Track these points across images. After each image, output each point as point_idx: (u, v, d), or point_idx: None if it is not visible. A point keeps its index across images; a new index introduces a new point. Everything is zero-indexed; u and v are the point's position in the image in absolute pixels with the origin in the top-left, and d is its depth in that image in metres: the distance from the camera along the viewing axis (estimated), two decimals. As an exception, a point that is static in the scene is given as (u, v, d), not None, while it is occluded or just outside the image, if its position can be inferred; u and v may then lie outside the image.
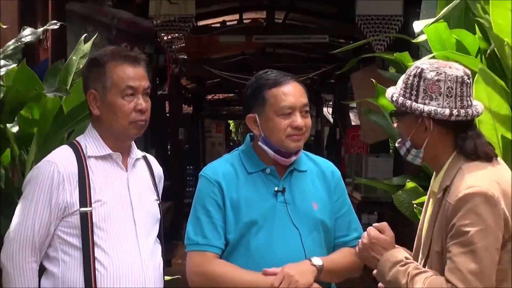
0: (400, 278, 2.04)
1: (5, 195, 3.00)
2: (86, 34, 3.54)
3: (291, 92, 2.44)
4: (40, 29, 3.37)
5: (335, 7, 9.07)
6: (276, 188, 2.47)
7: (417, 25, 2.97)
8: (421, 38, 2.90)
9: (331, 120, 15.75)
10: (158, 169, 2.62)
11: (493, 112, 2.47)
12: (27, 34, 3.28)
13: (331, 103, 16.57)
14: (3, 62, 3.14)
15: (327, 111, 17.69)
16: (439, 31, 2.75)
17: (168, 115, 12.31)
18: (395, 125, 2.21)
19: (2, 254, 2.33)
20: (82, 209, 2.30)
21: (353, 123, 12.67)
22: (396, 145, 2.22)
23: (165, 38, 6.88)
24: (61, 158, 2.36)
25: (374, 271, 2.20)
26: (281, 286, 2.33)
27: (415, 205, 2.80)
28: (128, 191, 2.41)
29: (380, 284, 2.22)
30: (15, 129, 3.24)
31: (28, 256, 2.30)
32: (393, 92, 2.15)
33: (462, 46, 2.75)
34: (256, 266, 2.38)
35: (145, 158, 2.57)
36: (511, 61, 2.45)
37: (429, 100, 2.05)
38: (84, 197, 2.31)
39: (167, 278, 2.59)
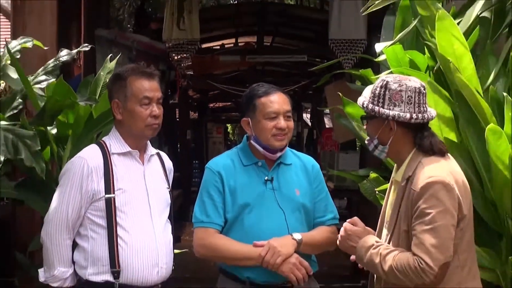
0: (374, 259, 2.03)
1: (45, 185, 2.99)
2: (111, 54, 3.53)
3: (276, 100, 2.44)
4: (74, 51, 3.38)
5: (312, 33, 9.09)
6: (266, 178, 2.47)
7: (378, 47, 2.97)
8: (381, 58, 2.90)
9: (309, 123, 15.73)
10: (168, 163, 2.60)
11: (439, 116, 2.47)
12: (64, 54, 3.30)
13: (309, 109, 16.55)
14: (44, 77, 3.17)
15: (306, 116, 17.67)
16: (395, 52, 2.75)
17: (177, 120, 12.27)
18: (365, 127, 2.20)
19: (42, 232, 2.33)
20: (107, 195, 2.29)
21: (327, 126, 12.64)
22: (365, 142, 2.20)
23: (176, 57, 6.86)
24: (90, 154, 2.35)
25: (352, 257, 2.18)
26: (267, 256, 2.33)
27: (377, 192, 2.79)
28: (144, 181, 2.40)
29: (352, 257, 2.19)
30: (54, 131, 3.23)
31: (64, 234, 2.29)
32: (363, 100, 2.14)
33: (414, 64, 2.75)
34: (249, 239, 2.39)
35: (158, 154, 2.55)
36: (452, 75, 2.45)
37: (393, 106, 2.05)
38: (109, 186, 2.30)
39: (176, 251, 2.57)
